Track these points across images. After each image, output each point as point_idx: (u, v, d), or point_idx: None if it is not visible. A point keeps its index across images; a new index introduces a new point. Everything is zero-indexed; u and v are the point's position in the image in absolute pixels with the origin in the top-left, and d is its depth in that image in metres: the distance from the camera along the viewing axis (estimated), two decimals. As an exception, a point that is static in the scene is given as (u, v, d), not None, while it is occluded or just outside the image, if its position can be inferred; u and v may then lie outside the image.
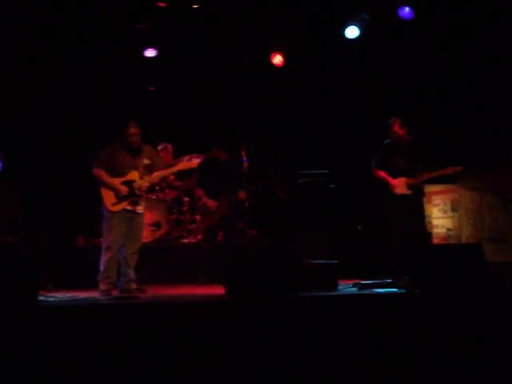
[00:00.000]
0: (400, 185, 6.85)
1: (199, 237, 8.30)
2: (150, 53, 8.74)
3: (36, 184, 8.18)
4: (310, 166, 7.92)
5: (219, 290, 5.79)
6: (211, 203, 7.45)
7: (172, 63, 9.04)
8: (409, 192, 6.82)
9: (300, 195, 7.85)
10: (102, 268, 6.15)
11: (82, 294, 6.03)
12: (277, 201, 8.45)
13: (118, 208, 6.21)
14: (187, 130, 9.23)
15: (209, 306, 5.03)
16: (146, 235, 8.10)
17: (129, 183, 6.24)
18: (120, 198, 6.22)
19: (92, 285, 6.20)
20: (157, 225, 8.24)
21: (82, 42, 8.35)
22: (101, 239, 6.42)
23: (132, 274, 6.25)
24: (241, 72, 9.14)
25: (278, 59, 8.99)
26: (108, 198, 6.23)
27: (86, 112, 8.92)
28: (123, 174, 6.26)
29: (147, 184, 6.36)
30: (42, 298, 5.46)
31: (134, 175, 6.28)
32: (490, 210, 7.78)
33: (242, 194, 7.27)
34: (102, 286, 6.08)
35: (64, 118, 8.84)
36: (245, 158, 7.21)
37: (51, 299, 5.62)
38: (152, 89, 9.41)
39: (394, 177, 6.87)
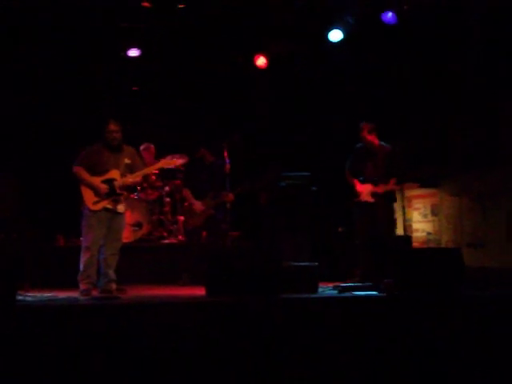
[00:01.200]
0: (365, 192, 6.88)
1: (180, 237, 8.30)
2: (134, 52, 8.71)
3: (18, 184, 8.11)
4: (291, 169, 7.94)
5: (200, 291, 5.81)
6: (197, 206, 7.47)
7: (155, 63, 9.02)
8: (372, 200, 6.84)
9: (281, 197, 7.87)
10: (81, 268, 6.11)
11: (62, 294, 6.00)
12: (258, 203, 8.46)
13: (98, 207, 6.16)
14: (170, 130, 9.21)
15: (189, 307, 5.02)
16: (127, 235, 8.07)
17: (109, 182, 6.21)
18: (100, 197, 6.17)
19: (72, 285, 6.17)
20: (138, 225, 8.22)
21: (65, 42, 8.31)
22: (81, 238, 6.39)
23: (112, 274, 6.22)
24: (224, 73, 9.14)
25: (261, 61, 9.01)
26: (88, 196, 6.18)
27: (68, 112, 8.87)
28: (104, 173, 6.23)
29: (129, 181, 6.34)
30: (20, 297, 5.42)
31: (114, 174, 6.25)
32: (470, 215, 7.83)
33: (229, 196, 7.32)
34: (82, 286, 6.05)
35: (46, 118, 8.78)
36: (227, 160, 7.23)
37: (29, 299, 5.59)
38: (135, 89, 9.37)
39: (363, 182, 6.91)
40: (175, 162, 6.85)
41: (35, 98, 8.60)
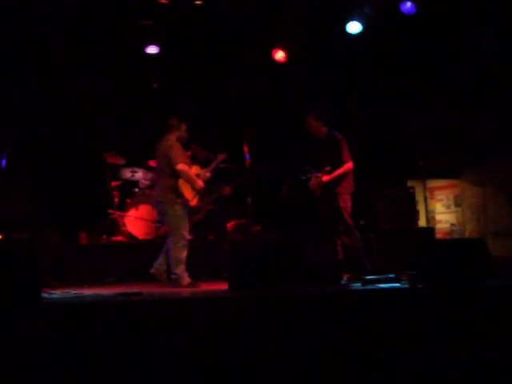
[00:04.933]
0: (314, 184, 6.77)
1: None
2: (152, 49, 8.73)
3: (40, 182, 8.18)
4: (312, 162, 7.90)
5: (222, 286, 5.81)
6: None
7: (174, 60, 9.03)
8: (320, 191, 6.72)
9: (303, 191, 7.83)
10: (181, 265, 6.41)
11: (87, 291, 6.03)
12: (280, 196, 8.45)
13: (195, 202, 6.61)
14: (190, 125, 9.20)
15: (212, 302, 5.02)
16: (150, 232, 8.13)
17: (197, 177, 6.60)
18: (196, 192, 6.60)
19: (95, 282, 6.21)
20: (160, 221, 8.24)
21: (85, 39, 8.34)
22: (172, 238, 6.52)
23: None
24: (244, 68, 9.12)
25: (280, 55, 8.97)
26: (188, 192, 6.52)
27: (88, 110, 8.92)
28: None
29: (208, 176, 6.78)
30: (45, 295, 5.47)
31: (197, 169, 6.72)
32: (494, 205, 7.76)
33: (226, 190, 7.35)
34: (188, 280, 6.42)
35: (67, 116, 8.84)
36: (247, 155, 7.22)
37: (55, 296, 5.63)
38: (155, 86, 9.38)
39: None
40: (223, 156, 7.13)
41: (49, 96, 8.65)
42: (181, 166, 6.38)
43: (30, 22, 7.88)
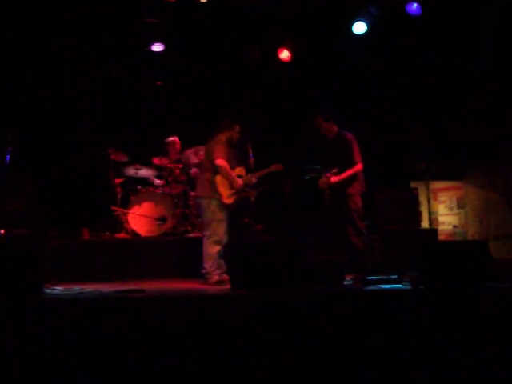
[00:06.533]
0: (322, 183, 6.80)
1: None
2: (157, 47, 8.74)
3: (43, 178, 8.19)
4: (315, 162, 7.90)
5: (225, 286, 5.82)
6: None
7: (179, 57, 9.03)
8: (328, 191, 6.76)
9: (306, 191, 7.83)
10: (210, 260, 6.43)
11: (88, 287, 6.03)
12: (283, 196, 8.44)
13: (231, 200, 6.52)
14: (194, 123, 9.21)
15: (213, 301, 5.03)
16: (152, 229, 8.12)
17: (239, 178, 6.61)
18: (235, 191, 6.54)
19: (97, 278, 6.21)
20: (163, 219, 8.24)
21: (90, 37, 8.35)
22: (206, 232, 6.60)
23: (224, 264, 6.52)
24: (248, 67, 9.12)
25: (285, 54, 8.97)
26: (224, 189, 6.49)
27: (91, 106, 8.93)
28: (232, 169, 6.59)
29: (254, 181, 6.73)
30: (48, 290, 5.48)
31: (241, 171, 6.69)
32: (497, 207, 7.76)
33: (253, 193, 7.33)
34: (215, 278, 6.38)
35: (71, 113, 8.84)
36: (251, 154, 7.21)
37: (57, 292, 5.64)
38: (159, 83, 9.38)
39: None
40: (280, 166, 7.05)
41: (52, 93, 8.65)
42: (220, 162, 6.45)
43: (33, 17, 7.90)
